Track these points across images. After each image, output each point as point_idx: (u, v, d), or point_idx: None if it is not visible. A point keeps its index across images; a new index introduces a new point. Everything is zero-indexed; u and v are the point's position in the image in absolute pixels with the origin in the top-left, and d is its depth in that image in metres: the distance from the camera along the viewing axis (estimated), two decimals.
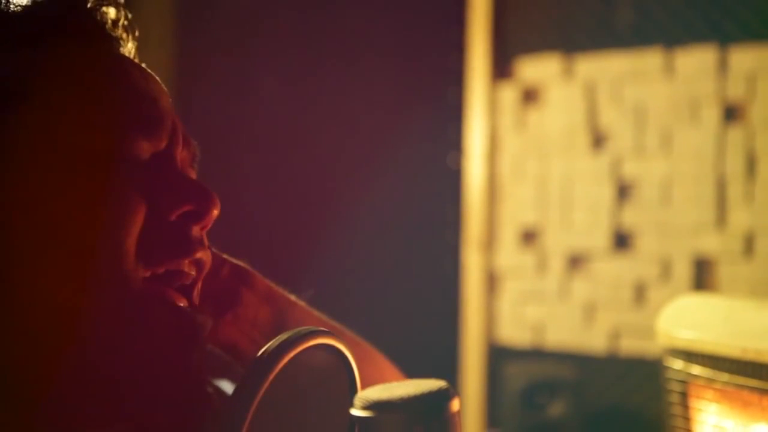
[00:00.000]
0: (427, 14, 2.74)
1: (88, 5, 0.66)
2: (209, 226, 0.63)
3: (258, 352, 0.54)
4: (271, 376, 0.53)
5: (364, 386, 0.56)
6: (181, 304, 0.61)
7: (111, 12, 0.67)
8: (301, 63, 2.83)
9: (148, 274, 0.58)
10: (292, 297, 0.77)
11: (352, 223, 2.66)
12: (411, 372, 0.75)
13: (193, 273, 0.62)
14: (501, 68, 2.58)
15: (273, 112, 2.84)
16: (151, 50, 2.61)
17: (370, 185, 2.68)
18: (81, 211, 0.57)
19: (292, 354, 0.54)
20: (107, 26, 0.67)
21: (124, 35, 0.68)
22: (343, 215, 2.68)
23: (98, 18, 0.66)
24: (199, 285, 0.63)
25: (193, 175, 0.67)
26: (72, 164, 0.57)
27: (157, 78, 0.66)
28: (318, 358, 0.58)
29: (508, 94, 2.57)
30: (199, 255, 0.62)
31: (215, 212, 0.61)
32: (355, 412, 0.52)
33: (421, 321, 2.65)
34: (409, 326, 2.63)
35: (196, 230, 0.61)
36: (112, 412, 0.58)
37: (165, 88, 0.66)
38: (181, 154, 0.64)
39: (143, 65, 0.67)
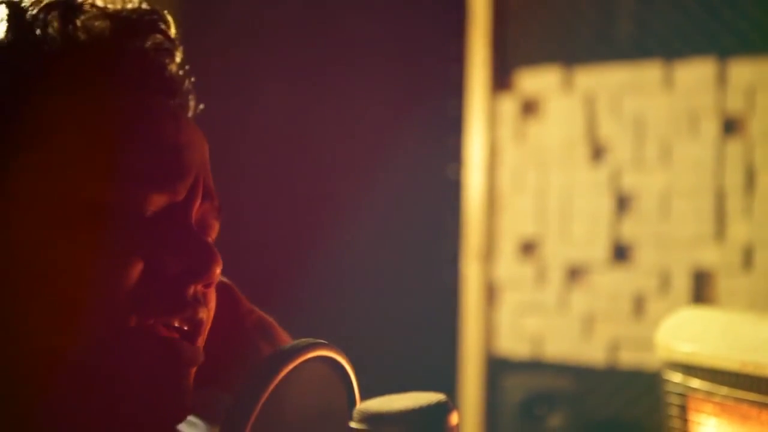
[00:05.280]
0: (428, 26, 2.74)
1: (145, 45, 0.63)
2: (213, 284, 0.61)
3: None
4: (270, 389, 0.53)
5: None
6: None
7: (175, 58, 0.65)
8: (302, 73, 2.83)
9: (136, 323, 0.58)
10: None
11: (351, 233, 2.66)
12: (410, 383, 0.74)
13: (186, 328, 0.60)
14: (501, 80, 2.59)
15: (274, 119, 2.84)
16: None
17: (370, 195, 2.68)
18: (73, 261, 0.56)
19: (290, 367, 0.55)
20: (163, 73, 0.64)
21: (180, 84, 0.66)
22: (342, 225, 2.68)
23: (153, 62, 0.64)
24: (201, 339, 0.62)
25: (215, 229, 0.65)
26: (72, 213, 0.57)
27: (195, 126, 0.64)
28: (316, 370, 0.58)
29: (508, 105, 2.58)
30: (191, 313, 0.60)
31: (216, 271, 0.60)
32: (354, 425, 0.53)
33: (420, 332, 2.64)
34: (408, 337, 2.63)
35: (194, 288, 0.60)
36: None
37: (202, 137, 0.64)
38: (200, 207, 0.62)
39: (188, 113, 0.65)
